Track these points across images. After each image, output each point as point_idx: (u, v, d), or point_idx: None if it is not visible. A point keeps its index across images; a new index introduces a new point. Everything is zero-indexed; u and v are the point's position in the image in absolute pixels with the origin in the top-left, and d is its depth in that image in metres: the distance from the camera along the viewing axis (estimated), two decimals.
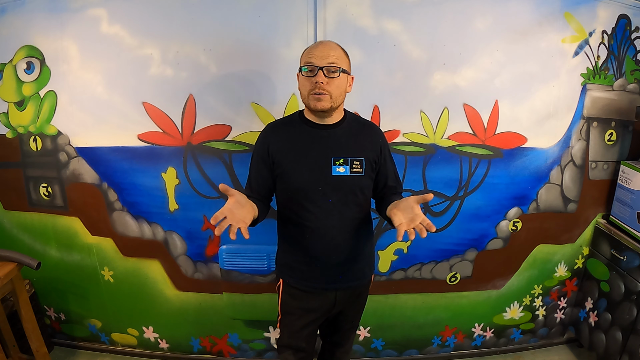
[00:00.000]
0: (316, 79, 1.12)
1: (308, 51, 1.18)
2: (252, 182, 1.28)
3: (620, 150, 1.84)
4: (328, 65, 1.13)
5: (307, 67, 1.14)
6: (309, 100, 1.17)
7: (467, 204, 1.77)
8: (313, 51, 1.15)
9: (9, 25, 1.57)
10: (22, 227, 1.83)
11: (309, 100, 1.17)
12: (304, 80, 1.16)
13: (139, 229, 1.75)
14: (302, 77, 1.17)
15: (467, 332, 2.03)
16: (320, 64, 1.13)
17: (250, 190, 1.27)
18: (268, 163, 1.24)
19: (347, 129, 1.26)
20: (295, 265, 1.29)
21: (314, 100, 1.15)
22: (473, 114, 1.66)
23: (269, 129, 1.28)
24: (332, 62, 1.13)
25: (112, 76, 1.58)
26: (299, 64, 1.23)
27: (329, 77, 1.13)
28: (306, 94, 1.17)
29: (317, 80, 1.12)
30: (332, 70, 1.13)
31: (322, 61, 1.13)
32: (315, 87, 1.13)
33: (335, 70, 1.13)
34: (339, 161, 1.20)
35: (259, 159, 1.25)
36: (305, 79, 1.15)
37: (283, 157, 1.22)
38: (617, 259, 1.77)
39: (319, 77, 1.12)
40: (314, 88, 1.14)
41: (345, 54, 1.20)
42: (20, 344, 1.74)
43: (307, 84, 1.15)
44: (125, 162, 1.66)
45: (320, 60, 1.13)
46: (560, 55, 1.64)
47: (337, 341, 1.50)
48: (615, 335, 1.76)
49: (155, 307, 1.89)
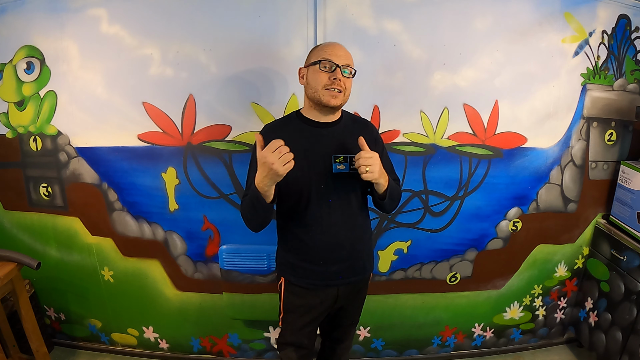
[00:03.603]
0: (336, 75, 1.16)
1: (323, 48, 1.20)
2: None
3: (620, 150, 1.84)
4: (345, 65, 1.18)
5: (325, 62, 1.17)
6: (321, 95, 1.18)
7: (467, 204, 1.77)
8: (332, 49, 1.19)
9: (9, 25, 1.57)
10: (22, 227, 1.83)
11: (322, 94, 1.18)
12: (319, 73, 1.18)
13: (139, 229, 1.75)
14: (318, 71, 1.18)
15: (467, 332, 2.03)
16: (340, 62, 1.17)
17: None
18: None
19: (345, 127, 1.28)
20: (297, 263, 1.30)
21: (329, 96, 1.18)
22: (473, 114, 1.66)
23: (267, 130, 1.28)
24: (349, 64, 1.20)
25: (112, 76, 1.58)
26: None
27: (345, 77, 1.18)
28: (320, 88, 1.18)
29: (336, 77, 1.16)
30: (349, 72, 1.19)
31: (342, 60, 1.18)
32: (334, 83, 1.17)
33: (350, 71, 1.20)
34: (339, 159, 1.21)
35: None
36: (322, 72, 1.17)
37: None
38: (617, 259, 1.77)
39: (338, 74, 1.16)
40: (331, 83, 1.17)
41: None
42: (20, 344, 1.74)
43: (324, 78, 1.17)
44: (125, 162, 1.66)
45: (340, 59, 1.18)
46: (560, 55, 1.64)
47: (338, 337, 1.51)
48: (615, 335, 1.76)
49: (155, 307, 1.89)
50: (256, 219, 1.20)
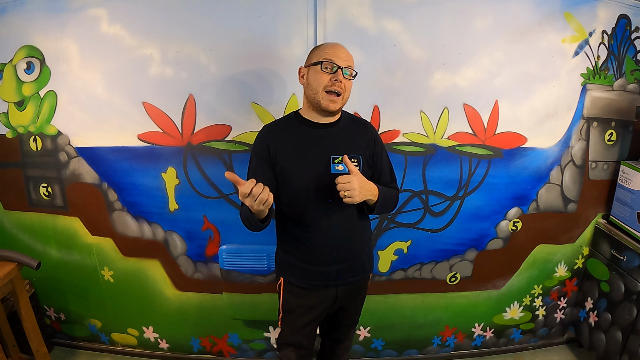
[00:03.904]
0: (337, 77, 1.15)
1: (326, 49, 1.19)
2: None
3: (620, 150, 1.84)
4: (347, 67, 1.17)
5: (327, 63, 1.16)
6: (321, 98, 1.18)
7: (467, 204, 1.77)
8: (335, 50, 1.17)
9: (9, 25, 1.57)
10: (22, 227, 1.83)
11: (322, 98, 1.17)
12: (320, 74, 1.16)
13: (139, 229, 1.75)
14: (319, 71, 1.17)
15: (467, 332, 2.03)
16: (341, 64, 1.16)
17: None
18: (270, 164, 1.24)
19: (343, 128, 1.28)
20: (296, 264, 1.30)
21: (328, 101, 1.17)
22: (473, 114, 1.66)
23: (266, 131, 1.28)
24: (350, 65, 1.18)
25: (112, 76, 1.58)
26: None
27: (346, 79, 1.17)
28: (320, 89, 1.17)
29: (337, 78, 1.15)
30: (349, 73, 1.18)
31: (344, 62, 1.17)
32: (334, 84, 1.16)
33: (351, 72, 1.19)
34: (338, 159, 1.22)
35: (261, 161, 1.24)
36: (323, 73, 1.16)
37: (283, 158, 1.22)
38: (617, 259, 1.77)
39: (339, 75, 1.15)
40: (332, 84, 1.16)
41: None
42: (20, 344, 1.74)
43: (325, 79, 1.16)
44: (125, 162, 1.66)
45: (342, 61, 1.16)
46: (560, 55, 1.64)
47: (338, 337, 1.51)
48: (615, 335, 1.76)
49: (155, 307, 1.89)
50: (253, 228, 1.21)
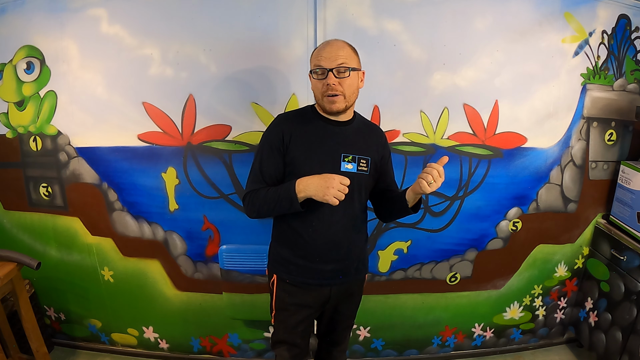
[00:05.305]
0: (327, 81, 1.15)
1: (317, 53, 1.19)
2: (265, 172, 1.25)
3: (620, 150, 1.84)
4: (337, 66, 1.15)
5: (317, 69, 1.16)
6: (323, 102, 1.20)
7: (467, 204, 1.77)
8: (321, 53, 1.17)
9: (9, 25, 1.57)
10: (22, 227, 1.83)
11: (324, 102, 1.19)
12: (316, 82, 1.18)
13: (139, 229, 1.75)
14: (314, 79, 1.19)
15: (467, 332, 2.03)
16: (329, 65, 1.15)
17: (263, 181, 1.25)
18: (282, 153, 1.23)
19: (356, 128, 1.29)
20: (292, 260, 1.30)
21: (329, 102, 1.18)
22: (473, 114, 1.66)
23: (281, 119, 1.28)
24: (341, 63, 1.15)
25: (112, 76, 1.58)
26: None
27: (340, 78, 1.16)
28: (320, 96, 1.19)
29: (328, 83, 1.15)
30: (342, 71, 1.15)
31: (331, 63, 1.15)
32: (328, 89, 1.16)
33: (344, 70, 1.15)
34: (348, 158, 1.22)
35: (273, 148, 1.23)
36: (317, 81, 1.18)
37: (295, 147, 1.22)
38: (617, 259, 1.77)
39: (330, 79, 1.14)
40: (326, 90, 1.16)
41: (354, 51, 1.21)
42: (20, 344, 1.74)
43: (319, 86, 1.18)
44: (125, 162, 1.66)
45: (329, 62, 1.15)
46: (560, 55, 1.64)
47: (334, 340, 1.51)
48: (615, 335, 1.76)
49: (155, 307, 1.89)
50: (269, 214, 1.20)
